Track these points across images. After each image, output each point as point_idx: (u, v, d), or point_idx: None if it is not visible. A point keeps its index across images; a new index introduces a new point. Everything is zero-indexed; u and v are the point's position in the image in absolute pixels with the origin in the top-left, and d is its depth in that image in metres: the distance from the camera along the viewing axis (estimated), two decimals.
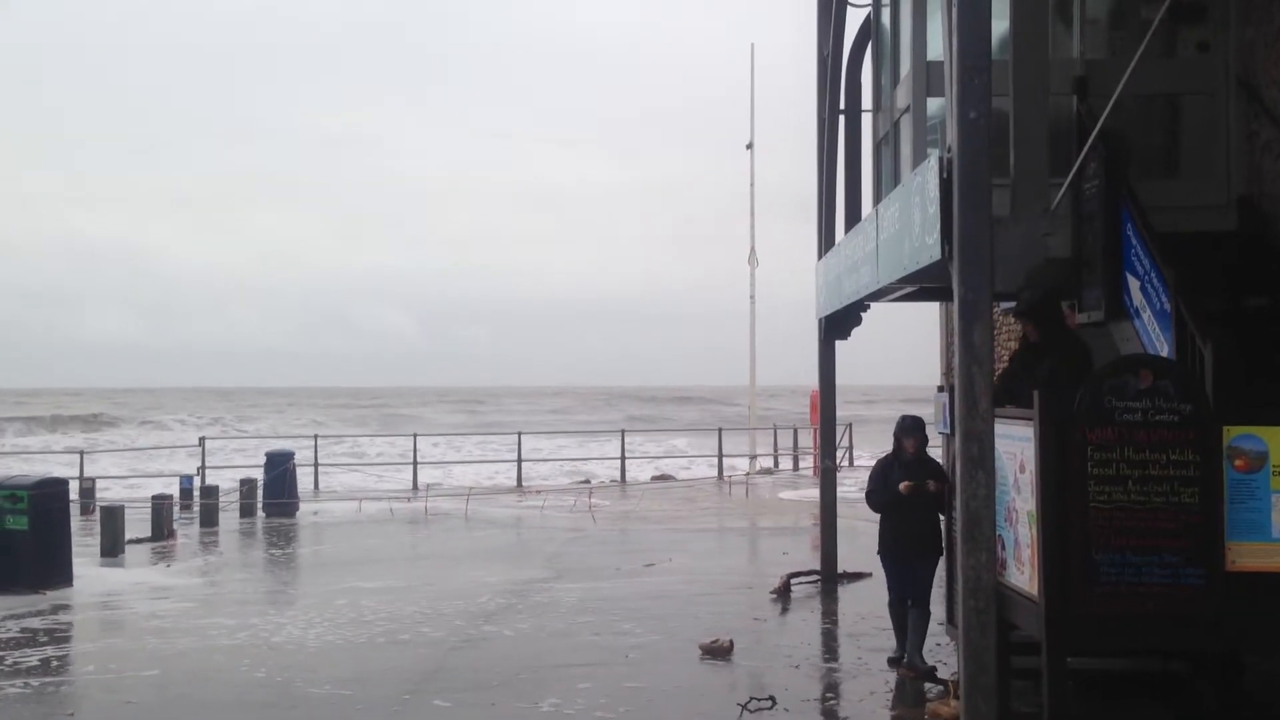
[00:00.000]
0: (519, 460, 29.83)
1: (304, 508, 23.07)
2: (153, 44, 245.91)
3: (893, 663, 9.79)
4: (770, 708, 8.49)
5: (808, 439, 32.62)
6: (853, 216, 13.74)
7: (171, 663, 10.56)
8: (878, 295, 11.64)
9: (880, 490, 9.69)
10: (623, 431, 32.10)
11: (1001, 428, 7.22)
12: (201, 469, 26.07)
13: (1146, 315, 8.20)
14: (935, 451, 10.60)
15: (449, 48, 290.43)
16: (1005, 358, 15.31)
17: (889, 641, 10.45)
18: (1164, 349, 7.82)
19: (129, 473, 31.52)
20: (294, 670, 10.07)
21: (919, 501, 9.43)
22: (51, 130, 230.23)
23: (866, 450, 32.99)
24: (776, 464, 34.27)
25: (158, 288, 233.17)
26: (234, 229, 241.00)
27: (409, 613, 12.48)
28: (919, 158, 9.69)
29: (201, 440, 28.77)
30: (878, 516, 9.90)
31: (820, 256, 14.65)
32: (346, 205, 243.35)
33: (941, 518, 9.42)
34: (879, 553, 9.93)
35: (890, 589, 9.85)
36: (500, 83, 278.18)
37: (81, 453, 28.04)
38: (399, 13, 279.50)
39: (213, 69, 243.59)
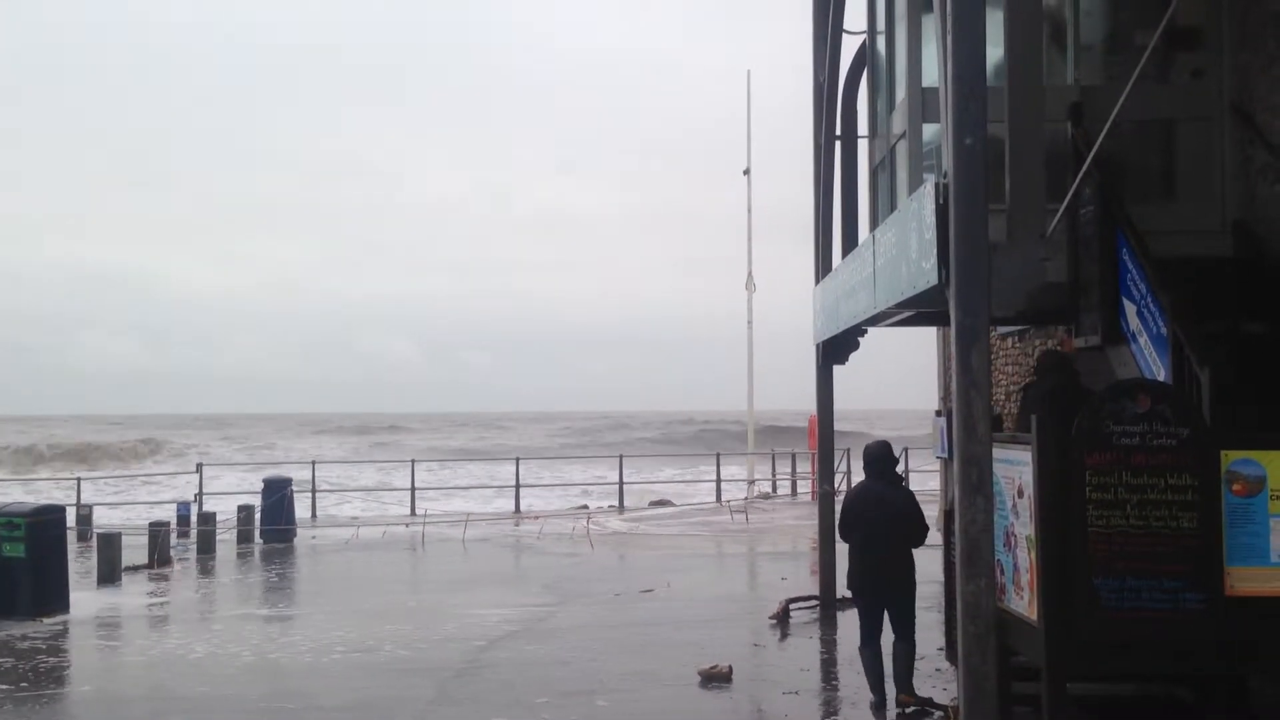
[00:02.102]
0: (517, 486, 29.75)
1: (302, 534, 23.01)
2: (150, 71, 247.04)
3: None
4: None
5: (806, 464, 32.58)
6: (849, 242, 13.79)
7: (168, 687, 10.52)
8: (875, 320, 11.66)
9: None
10: (620, 456, 32.04)
11: (1000, 452, 7.22)
12: (199, 496, 26.01)
13: (1143, 340, 8.22)
14: (933, 476, 10.58)
15: (452, 76, 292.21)
16: (1002, 383, 15.36)
17: (888, 667, 10.46)
18: (1161, 373, 7.84)
19: (126, 499, 31.44)
20: (296, 697, 10.03)
21: None
22: (50, 157, 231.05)
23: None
24: (775, 488, 34.22)
25: (159, 315, 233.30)
26: (236, 256, 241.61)
27: (409, 639, 12.44)
28: (915, 183, 9.73)
29: (199, 467, 28.71)
30: None
31: (817, 281, 14.68)
32: (349, 232, 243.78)
33: None
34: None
35: None
36: (503, 110, 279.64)
37: (79, 479, 28.00)
38: (402, 41, 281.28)
39: (214, 96, 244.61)
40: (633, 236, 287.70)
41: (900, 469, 9.76)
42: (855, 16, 13.83)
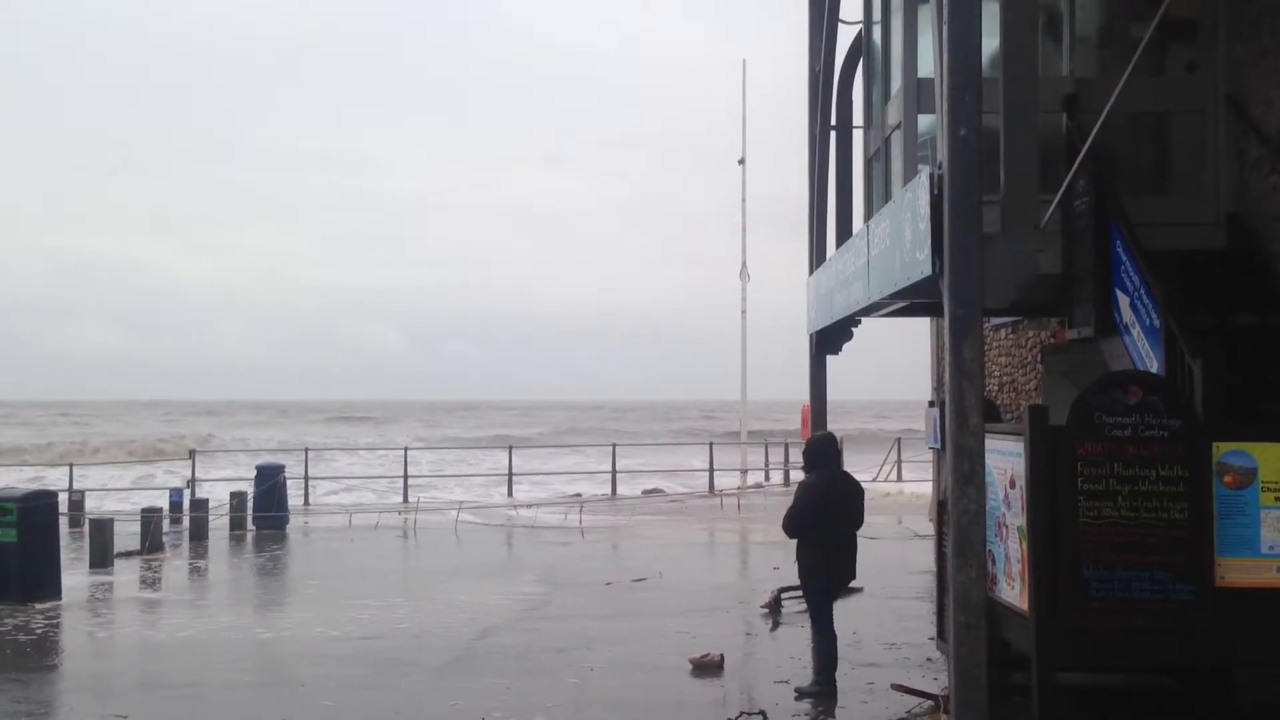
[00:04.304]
0: (509, 475, 29.78)
1: (294, 521, 23.02)
2: (137, 63, 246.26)
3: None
4: None
5: (799, 453, 32.59)
6: (844, 232, 13.78)
7: (160, 672, 10.54)
8: (869, 311, 11.67)
9: None
10: (614, 446, 32.10)
11: (992, 443, 7.24)
12: (192, 482, 26.00)
13: (1136, 331, 8.24)
14: (924, 467, 10.60)
15: (438, 68, 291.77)
16: (994, 374, 15.38)
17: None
18: (1153, 365, 7.86)
19: (118, 485, 31.41)
20: (289, 682, 10.06)
21: None
22: (38, 147, 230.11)
23: (856, 466, 32.98)
24: (768, 478, 34.28)
25: (145, 304, 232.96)
26: (221, 246, 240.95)
27: (402, 627, 12.46)
28: (910, 174, 9.73)
29: (192, 453, 28.72)
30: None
31: (811, 272, 14.68)
32: (335, 222, 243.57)
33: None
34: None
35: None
36: (491, 101, 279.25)
37: (71, 465, 27.98)
38: (387, 33, 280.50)
39: (197, 86, 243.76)
40: (626, 227, 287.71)
41: (895, 459, 9.84)
42: (851, 6, 13.81)
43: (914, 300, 10.54)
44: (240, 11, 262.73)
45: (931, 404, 10.51)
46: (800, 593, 13.92)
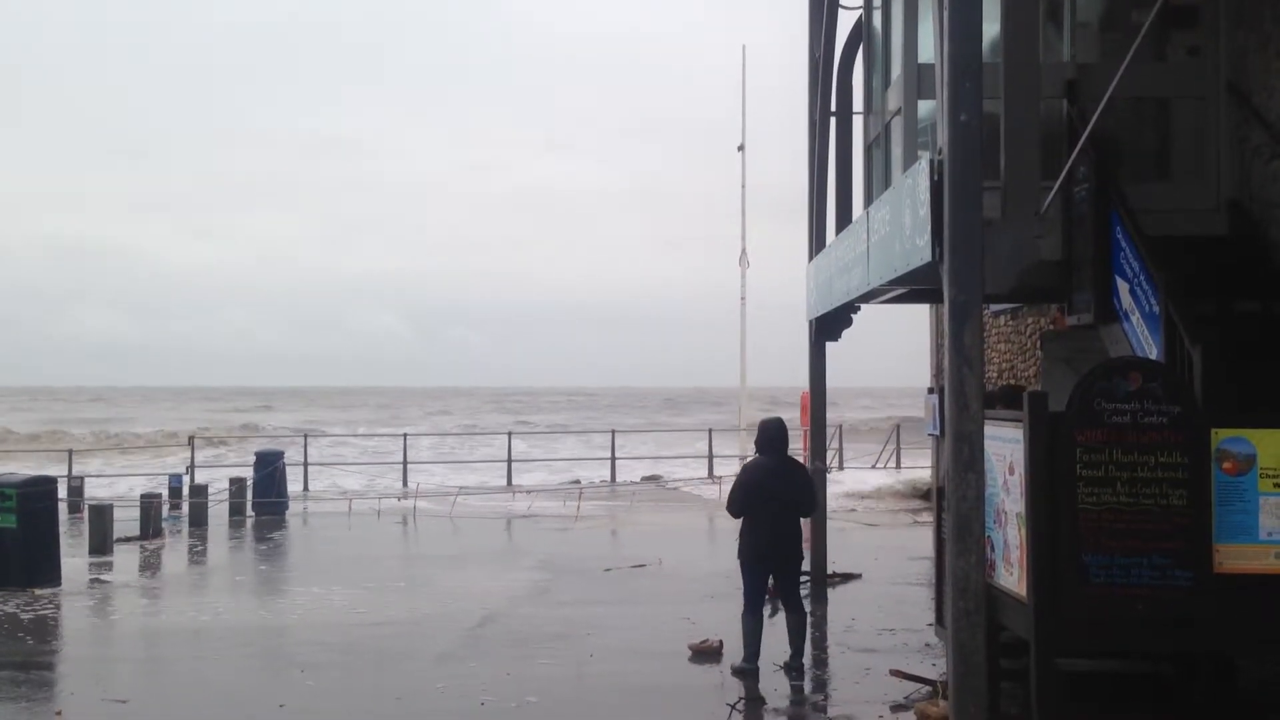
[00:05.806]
0: (509, 461, 29.77)
1: (293, 507, 23.03)
2: (144, 49, 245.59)
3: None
4: (760, 707, 8.51)
5: (798, 440, 32.60)
6: (844, 218, 13.75)
7: (161, 657, 10.55)
8: (868, 297, 11.66)
9: None
10: (613, 432, 32.09)
11: (991, 429, 7.24)
12: (191, 468, 26.00)
13: (1136, 318, 8.24)
14: (925, 453, 10.61)
15: (440, 52, 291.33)
16: (994, 360, 15.38)
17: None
18: (1153, 352, 7.86)
19: (118, 471, 31.42)
20: (291, 667, 10.06)
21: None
22: (34, 130, 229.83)
23: (855, 453, 33.02)
24: None
25: (147, 289, 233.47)
26: (224, 231, 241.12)
27: (401, 614, 12.47)
28: (910, 160, 9.71)
29: (191, 439, 28.72)
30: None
31: (811, 258, 14.66)
32: (337, 207, 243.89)
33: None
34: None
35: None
36: (492, 87, 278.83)
37: (70, 451, 27.97)
38: (389, 17, 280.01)
39: (199, 70, 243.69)
40: (624, 213, 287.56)
41: (893, 447, 9.90)
42: None
43: (914, 286, 10.52)
44: None
45: (931, 391, 10.52)
46: (804, 578, 13.98)
